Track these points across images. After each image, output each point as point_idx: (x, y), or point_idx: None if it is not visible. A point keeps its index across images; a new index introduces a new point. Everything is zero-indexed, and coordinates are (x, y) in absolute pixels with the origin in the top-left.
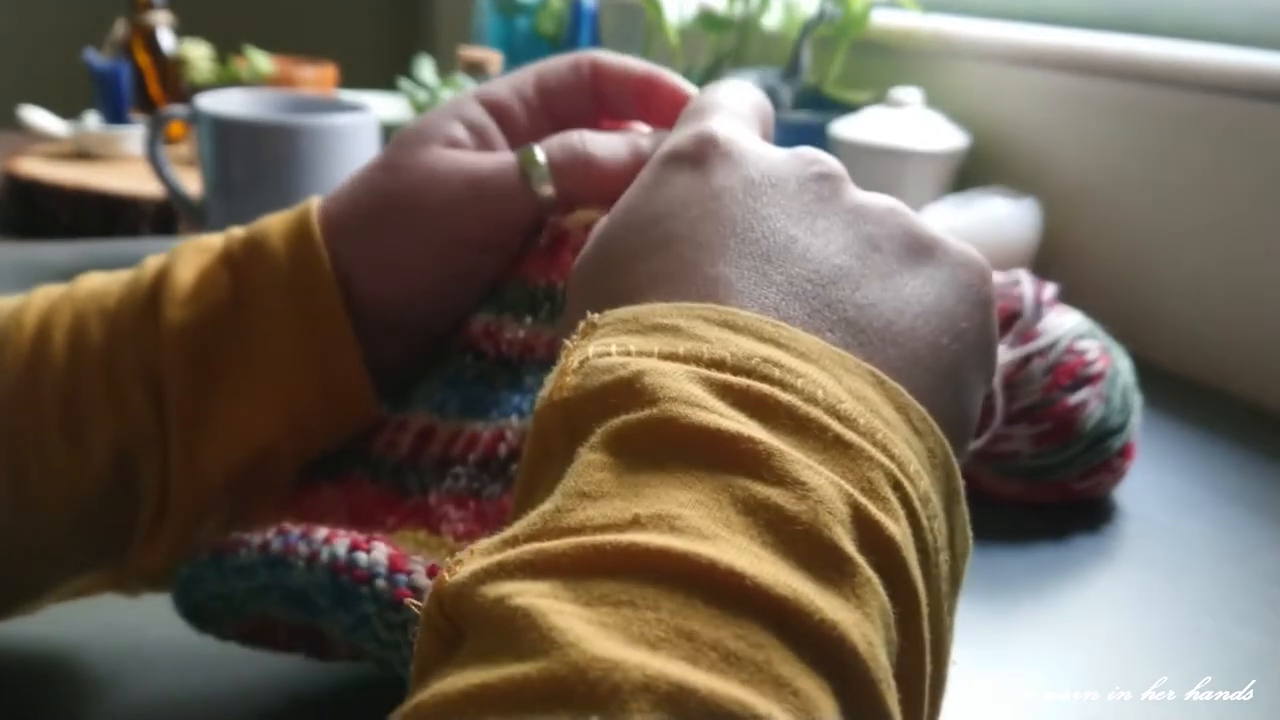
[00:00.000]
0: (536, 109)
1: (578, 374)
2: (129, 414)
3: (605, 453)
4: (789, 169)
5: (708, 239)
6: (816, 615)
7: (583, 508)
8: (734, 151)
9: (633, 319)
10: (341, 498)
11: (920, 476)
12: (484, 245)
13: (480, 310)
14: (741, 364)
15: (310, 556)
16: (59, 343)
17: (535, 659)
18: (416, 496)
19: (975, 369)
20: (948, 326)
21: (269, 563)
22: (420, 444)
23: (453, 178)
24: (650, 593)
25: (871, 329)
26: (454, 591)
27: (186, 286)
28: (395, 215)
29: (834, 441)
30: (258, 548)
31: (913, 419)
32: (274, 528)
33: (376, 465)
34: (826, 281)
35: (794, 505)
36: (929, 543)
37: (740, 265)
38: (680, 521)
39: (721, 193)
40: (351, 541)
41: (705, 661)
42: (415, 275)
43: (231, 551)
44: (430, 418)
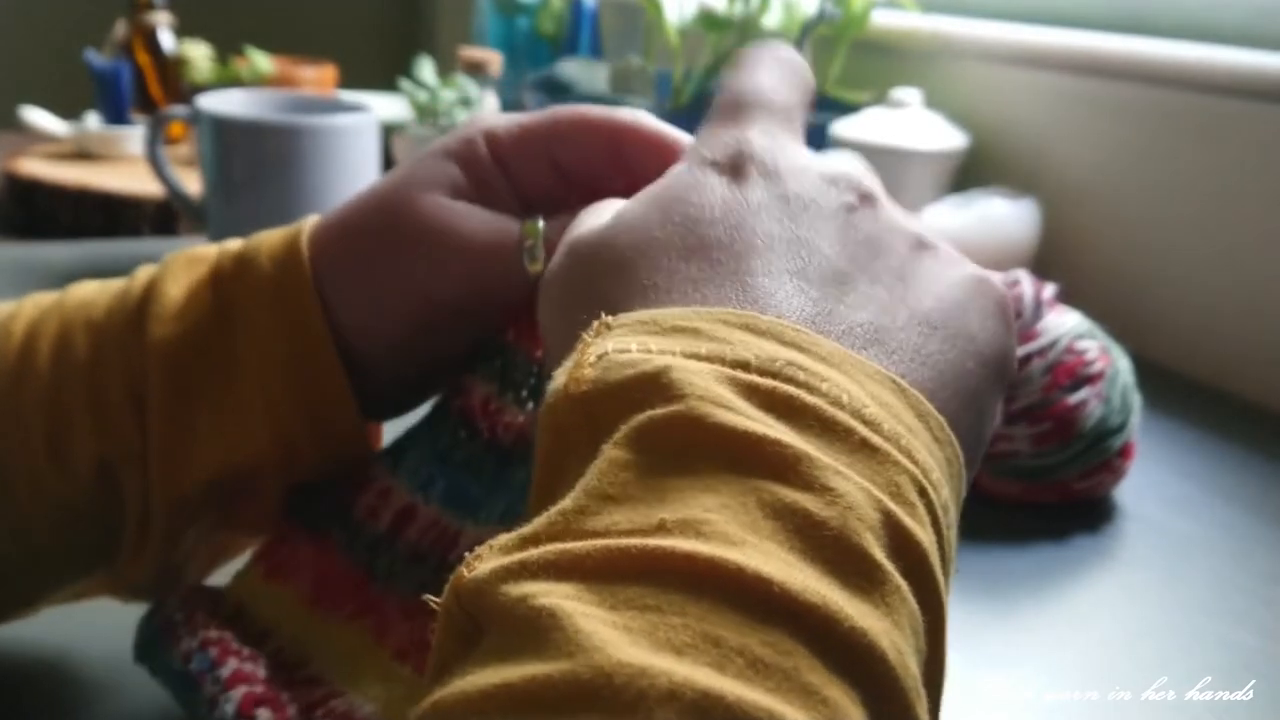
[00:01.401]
0: (538, 156)
1: (596, 368)
2: (111, 427)
3: (629, 450)
4: (823, 193)
5: (745, 249)
6: (846, 623)
7: (607, 510)
8: (771, 167)
9: (651, 321)
10: (312, 562)
11: (941, 485)
12: (466, 309)
13: (480, 375)
14: (766, 366)
15: (211, 701)
16: (44, 354)
17: (559, 661)
18: (380, 584)
19: (994, 395)
20: (973, 352)
21: (185, 682)
22: (399, 524)
23: (441, 232)
24: (676, 598)
25: (902, 350)
26: (473, 588)
27: (174, 302)
28: (381, 260)
29: (861, 445)
30: (182, 657)
31: (932, 427)
32: (201, 635)
33: (354, 533)
34: (858, 305)
35: (822, 510)
36: (947, 553)
37: (780, 279)
38: (707, 527)
39: (760, 209)
40: (242, 700)
41: (732, 668)
42: (405, 311)
43: (171, 642)
44: (413, 497)
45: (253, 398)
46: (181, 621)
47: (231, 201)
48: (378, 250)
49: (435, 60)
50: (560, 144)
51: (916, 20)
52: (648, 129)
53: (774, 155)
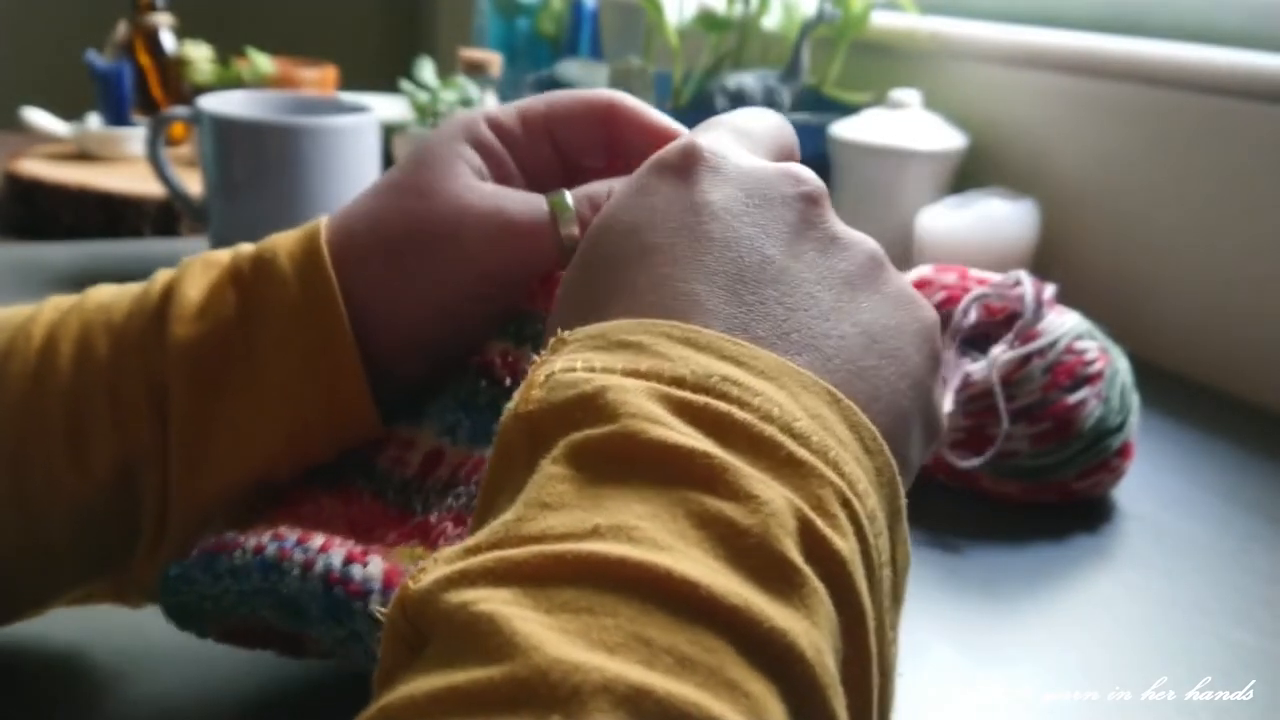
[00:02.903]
0: (540, 137)
1: (543, 388)
2: (132, 428)
3: (567, 465)
4: (773, 187)
5: (683, 254)
6: (767, 623)
7: (544, 517)
8: (719, 166)
9: (600, 335)
10: (342, 509)
11: (868, 494)
12: (506, 280)
13: (498, 338)
14: (701, 382)
15: (305, 564)
16: (65, 355)
17: (499, 663)
18: (419, 517)
19: (923, 422)
20: (906, 371)
21: (263, 566)
22: (429, 466)
23: (486, 213)
24: (609, 600)
25: (838, 358)
26: (418, 598)
27: (194, 304)
28: (423, 242)
29: (787, 459)
30: (252, 550)
31: (864, 438)
32: (269, 531)
33: (382, 481)
34: (797, 307)
35: (746, 519)
36: (874, 558)
37: (712, 283)
38: (638, 533)
39: (702, 208)
40: (347, 553)
41: (661, 665)
42: (433, 301)
43: (225, 552)
44: (440, 440)
45: (273, 400)
46: (233, 536)
47: (232, 202)
48: (419, 234)
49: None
50: (559, 124)
51: (916, 21)
52: (632, 108)
53: (722, 154)
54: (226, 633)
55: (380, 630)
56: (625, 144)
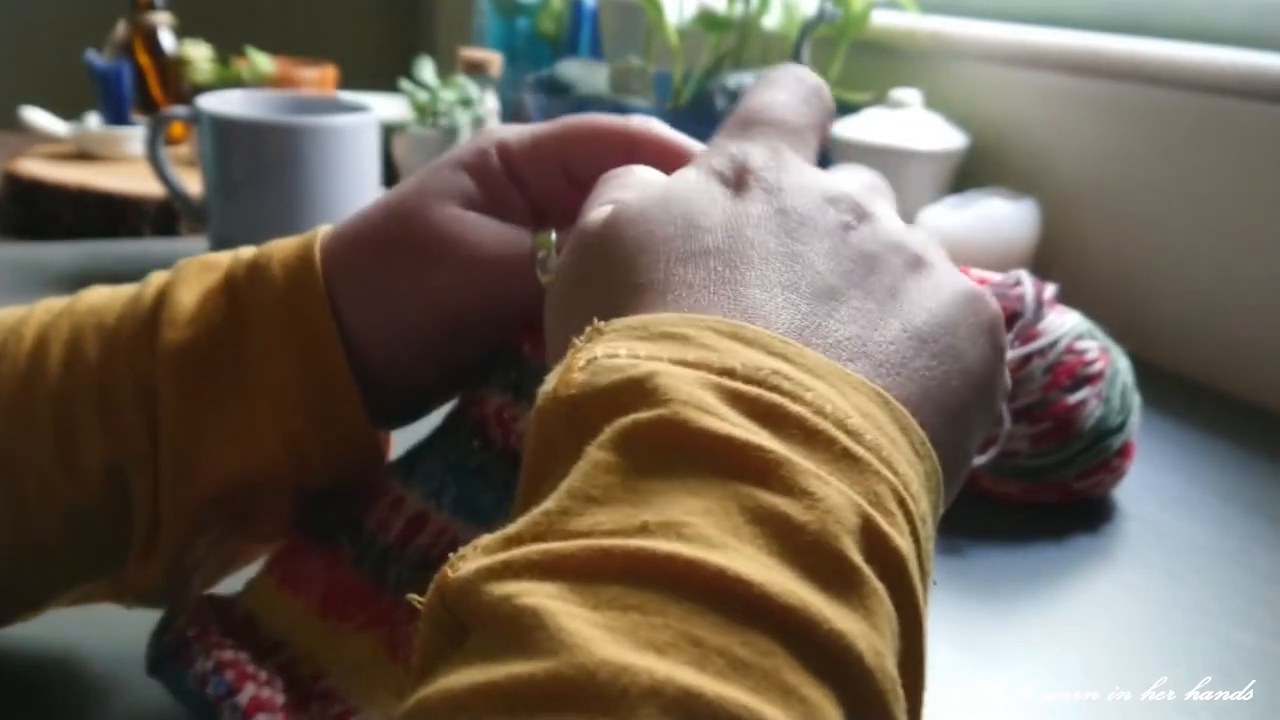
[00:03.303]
0: (552, 167)
1: (585, 371)
2: (122, 432)
3: (613, 453)
4: (826, 205)
5: (742, 259)
6: (825, 625)
7: (590, 511)
8: (772, 183)
9: (641, 326)
10: (323, 573)
11: (921, 497)
12: (478, 319)
13: (494, 386)
14: (751, 374)
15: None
16: (55, 358)
17: (542, 659)
18: (390, 596)
19: (981, 411)
20: (960, 369)
21: (204, 709)
22: (410, 532)
23: (459, 245)
24: (658, 598)
25: (888, 364)
26: (458, 587)
27: (186, 309)
28: (399, 271)
29: (842, 454)
30: (197, 680)
31: (914, 441)
32: (215, 658)
33: (366, 544)
34: (848, 320)
35: (802, 515)
36: (925, 562)
37: (771, 291)
38: (689, 529)
39: (758, 222)
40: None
41: (712, 668)
42: (415, 323)
43: (183, 664)
44: (425, 504)
45: (263, 406)
46: (194, 639)
47: (232, 202)
48: (390, 261)
49: (435, 61)
50: (573, 153)
51: (916, 21)
52: (660, 136)
53: (776, 171)
54: None
55: None
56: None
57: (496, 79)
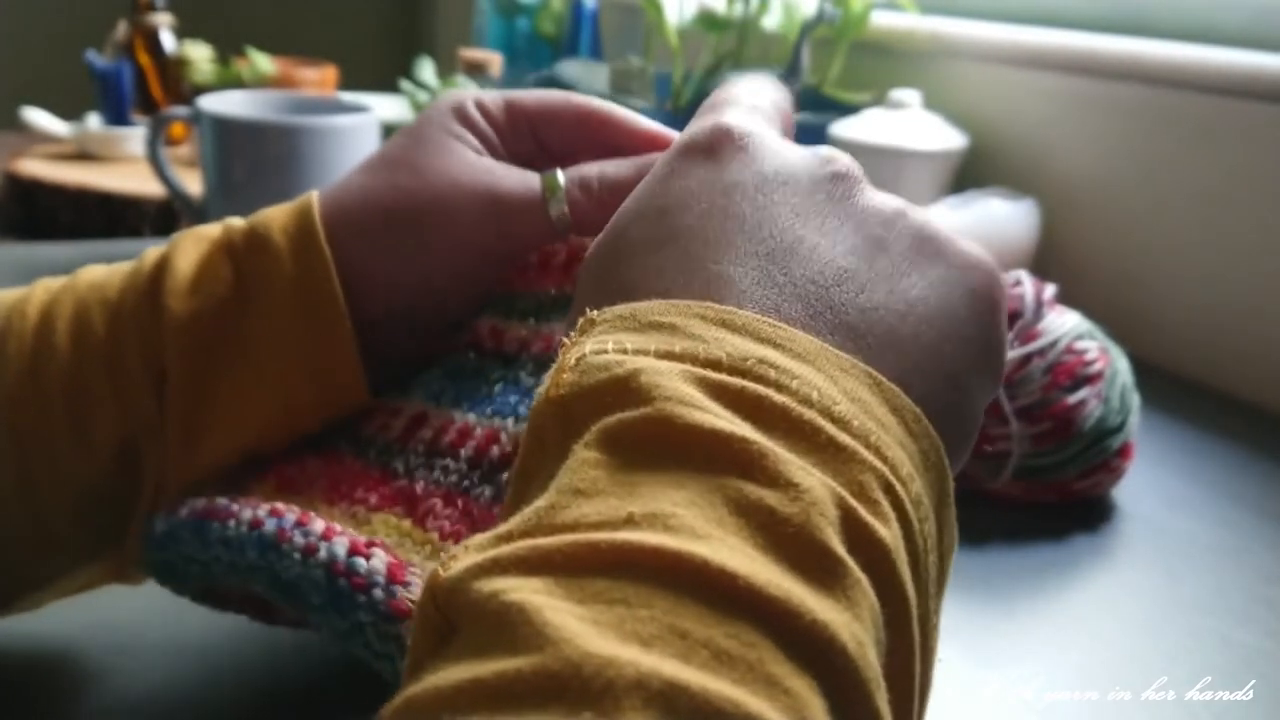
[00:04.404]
0: (524, 131)
1: (574, 371)
2: (133, 404)
3: (600, 450)
4: (803, 167)
5: (714, 235)
6: (808, 616)
7: (577, 505)
8: (749, 146)
9: (630, 316)
10: (323, 468)
11: (913, 479)
12: (496, 256)
13: (488, 313)
14: (737, 365)
15: (306, 549)
16: (62, 334)
17: (529, 654)
18: (402, 480)
19: (980, 373)
20: (951, 332)
21: (260, 544)
22: (412, 428)
23: (478, 189)
24: (643, 591)
25: (873, 333)
26: (448, 586)
27: (187, 277)
28: (415, 216)
29: (827, 444)
30: (249, 524)
31: (907, 420)
32: (267, 505)
33: (365, 444)
34: (830, 284)
35: (786, 507)
36: (919, 545)
37: (745, 264)
38: (674, 521)
39: (733, 188)
40: (351, 544)
41: (697, 660)
42: (424, 273)
43: (218, 520)
44: (425, 405)
45: (267, 372)
46: (230, 501)
47: (232, 202)
48: (410, 209)
49: (435, 61)
50: (545, 124)
51: (916, 21)
52: (624, 119)
53: (750, 134)
54: (204, 593)
55: (384, 625)
56: (615, 150)
57: (496, 79)
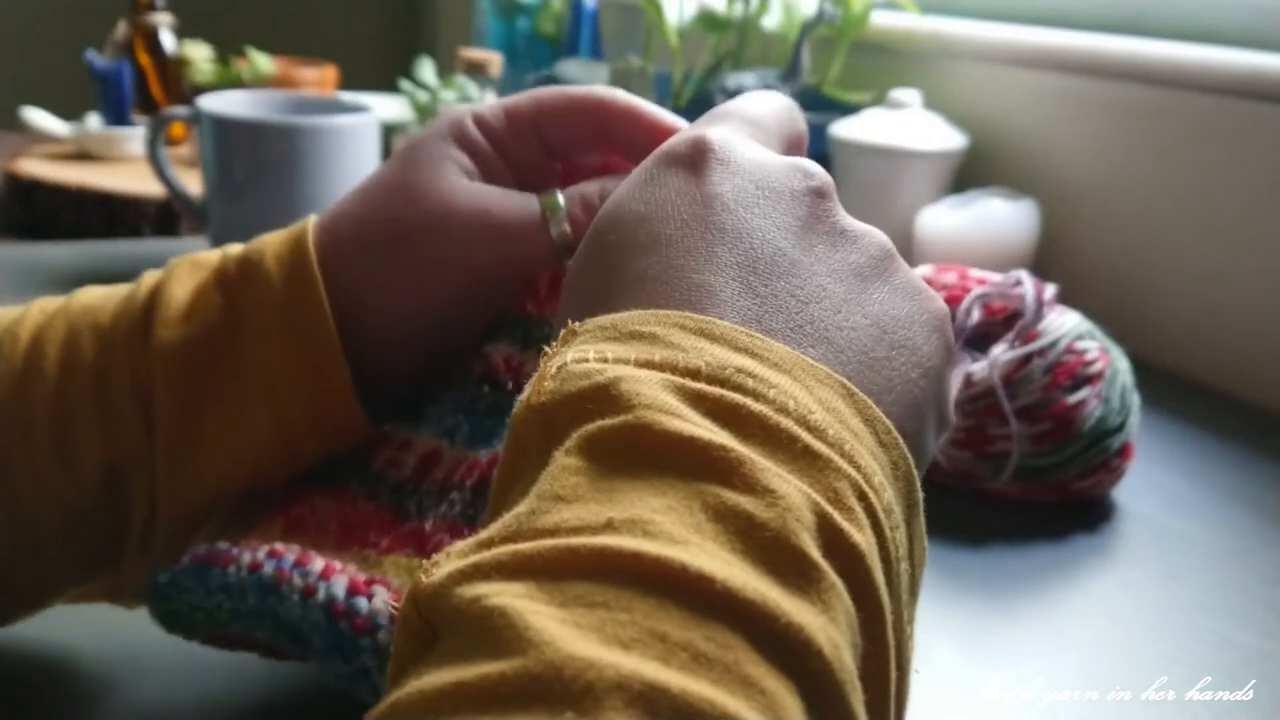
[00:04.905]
0: (527, 135)
1: (555, 379)
2: (119, 430)
3: (580, 457)
4: (783, 181)
5: (695, 245)
6: (783, 619)
7: (557, 510)
8: (729, 158)
9: (611, 326)
10: (334, 508)
11: (884, 488)
12: (494, 281)
13: (501, 341)
14: (716, 374)
15: (305, 591)
16: (51, 358)
17: (511, 657)
18: (413, 521)
19: (936, 409)
20: (917, 362)
21: (260, 587)
22: (425, 467)
23: (473, 214)
24: (623, 595)
25: (850, 350)
26: (430, 592)
27: (180, 305)
28: (409, 244)
29: (803, 452)
30: (248, 567)
31: (879, 432)
32: (265, 547)
33: (376, 482)
34: (810, 299)
35: (763, 512)
36: (891, 552)
37: (725, 274)
38: (653, 526)
39: (712, 199)
40: (350, 582)
41: (676, 662)
42: (421, 302)
43: (218, 565)
44: (438, 442)
45: (258, 402)
46: (230, 545)
47: (232, 202)
48: (405, 236)
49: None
50: (547, 123)
51: (916, 21)
52: (628, 104)
53: (732, 146)
54: (214, 638)
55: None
56: (620, 141)
57: (496, 79)
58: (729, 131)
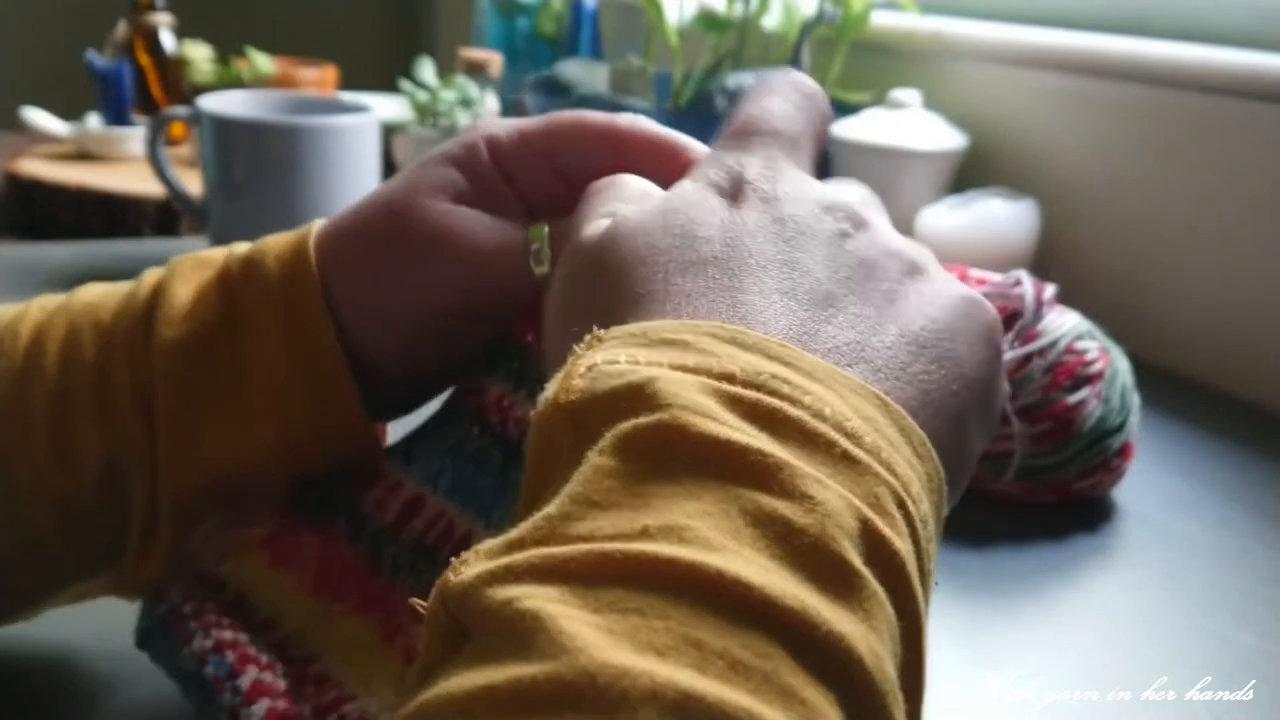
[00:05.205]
0: (540, 162)
1: (585, 378)
2: (118, 429)
3: (614, 458)
4: (822, 213)
5: (739, 268)
6: (824, 627)
7: (592, 516)
8: (769, 192)
9: (641, 333)
10: (317, 549)
11: (921, 498)
12: (476, 314)
13: (496, 375)
14: (751, 379)
15: (231, 712)
16: (52, 355)
17: (543, 662)
18: (385, 578)
19: (979, 421)
20: (959, 375)
21: (201, 686)
22: (406, 515)
23: (456, 238)
24: (658, 601)
25: (888, 369)
26: (460, 591)
27: (182, 304)
28: (391, 266)
29: (841, 457)
30: (195, 657)
31: (914, 443)
32: (214, 635)
33: (360, 525)
34: (846, 326)
35: (802, 518)
36: (925, 564)
37: (770, 298)
38: (689, 532)
39: (757, 231)
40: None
41: (713, 670)
42: (411, 316)
43: (179, 639)
44: (421, 488)
45: (259, 401)
46: (190, 615)
47: (232, 202)
48: (384, 256)
49: (435, 61)
50: (561, 149)
51: (916, 21)
52: (649, 133)
53: (773, 181)
54: None
55: None
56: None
57: (496, 79)
58: (765, 164)
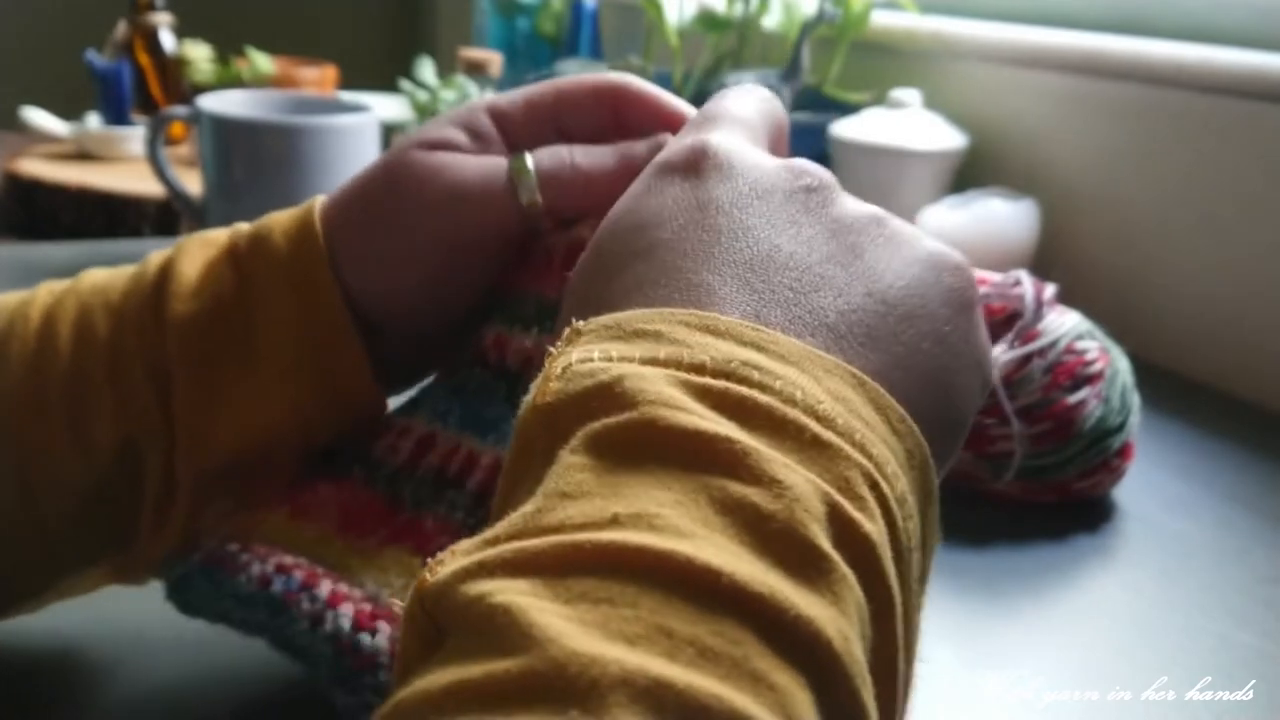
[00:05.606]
0: (545, 125)
1: (561, 379)
2: (134, 406)
3: (586, 454)
4: (778, 181)
5: (692, 247)
6: (792, 611)
7: (562, 507)
8: (725, 163)
9: (615, 325)
10: (335, 496)
11: (897, 477)
12: (464, 247)
13: (493, 319)
14: (721, 368)
15: (313, 618)
16: (64, 336)
17: (515, 655)
18: (409, 512)
19: (963, 371)
20: (929, 330)
21: (269, 604)
22: (419, 452)
23: (437, 179)
24: (629, 590)
25: (852, 334)
26: (435, 590)
27: (191, 280)
28: (381, 213)
29: (811, 441)
30: (257, 580)
31: (891, 419)
32: (274, 559)
33: (374, 468)
34: (808, 289)
35: (770, 504)
36: (903, 543)
37: (723, 273)
38: (659, 520)
39: (709, 204)
40: (356, 615)
41: (683, 657)
42: (399, 272)
43: (229, 571)
44: (431, 426)
45: (271, 368)
46: (237, 552)
47: (232, 201)
48: (382, 209)
49: (435, 61)
50: (567, 111)
51: (916, 21)
52: (641, 90)
53: (728, 151)
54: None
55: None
56: (635, 130)
57: (496, 79)
58: (724, 136)
